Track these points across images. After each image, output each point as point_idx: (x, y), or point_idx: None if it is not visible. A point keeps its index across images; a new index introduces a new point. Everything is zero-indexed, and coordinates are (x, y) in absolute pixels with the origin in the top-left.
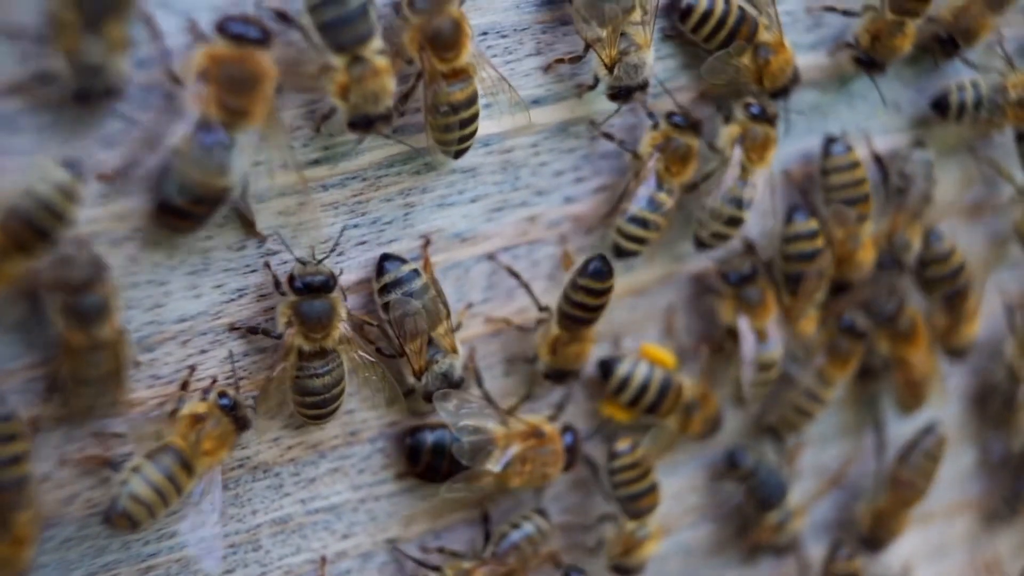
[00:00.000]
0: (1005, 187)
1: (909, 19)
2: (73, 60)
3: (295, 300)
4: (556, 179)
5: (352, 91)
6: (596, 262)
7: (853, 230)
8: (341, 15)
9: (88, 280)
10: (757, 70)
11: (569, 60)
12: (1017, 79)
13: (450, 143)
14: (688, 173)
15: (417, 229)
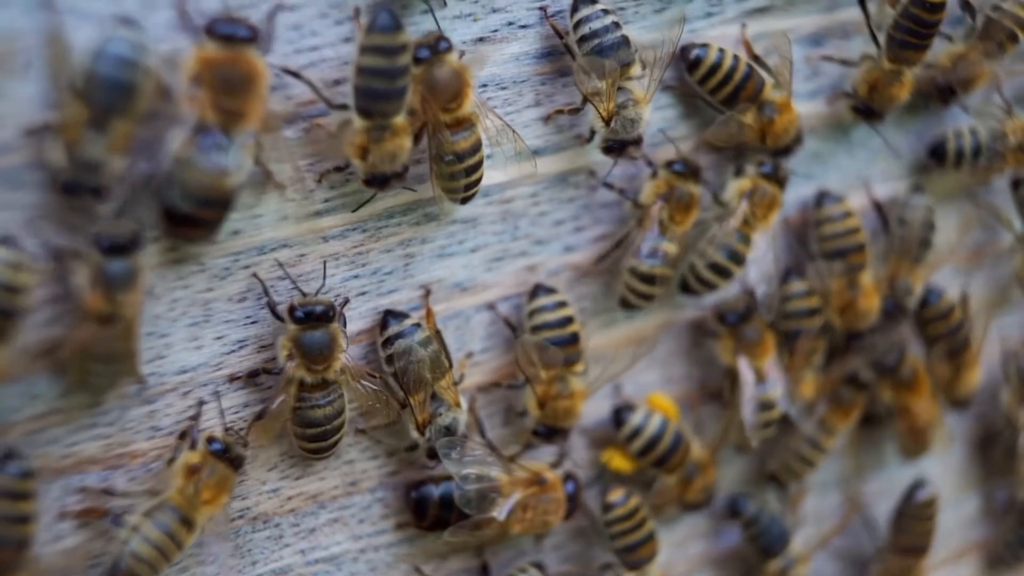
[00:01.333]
0: (1005, 232)
1: (906, 68)
2: (73, 153)
3: (296, 331)
4: (556, 228)
5: (371, 152)
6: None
7: (850, 279)
8: (384, 89)
9: (128, 243)
10: (761, 128)
11: (568, 112)
12: (1016, 124)
13: (456, 191)
14: (690, 221)
15: (417, 279)
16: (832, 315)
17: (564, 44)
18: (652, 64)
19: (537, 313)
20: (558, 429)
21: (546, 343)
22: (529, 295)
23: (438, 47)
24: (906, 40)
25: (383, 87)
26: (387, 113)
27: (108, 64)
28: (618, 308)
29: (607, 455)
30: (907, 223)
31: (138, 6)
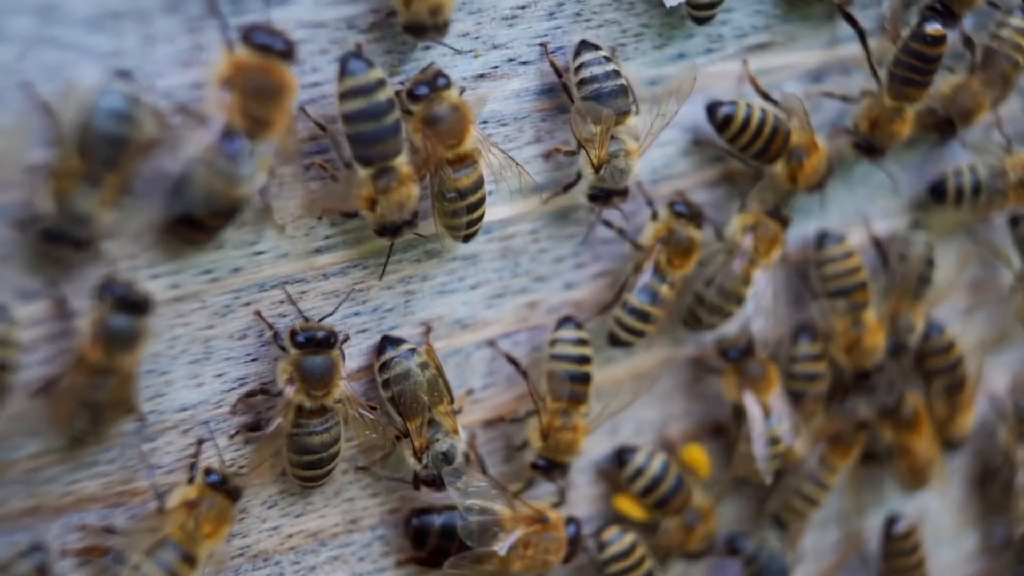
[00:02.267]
0: (1004, 269)
1: (908, 105)
2: (63, 203)
3: (297, 356)
4: (556, 265)
5: (379, 203)
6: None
7: (854, 317)
8: (374, 130)
9: (138, 303)
10: (791, 173)
11: (565, 152)
12: (1016, 160)
13: (459, 228)
14: (690, 266)
15: (418, 316)
16: (838, 354)
17: (562, 83)
18: (652, 122)
19: (559, 343)
20: (558, 463)
21: (560, 373)
22: (557, 324)
23: (436, 83)
24: (907, 76)
25: (372, 129)
26: (386, 155)
27: (103, 118)
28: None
29: (619, 501)
30: (907, 260)
31: (138, 42)
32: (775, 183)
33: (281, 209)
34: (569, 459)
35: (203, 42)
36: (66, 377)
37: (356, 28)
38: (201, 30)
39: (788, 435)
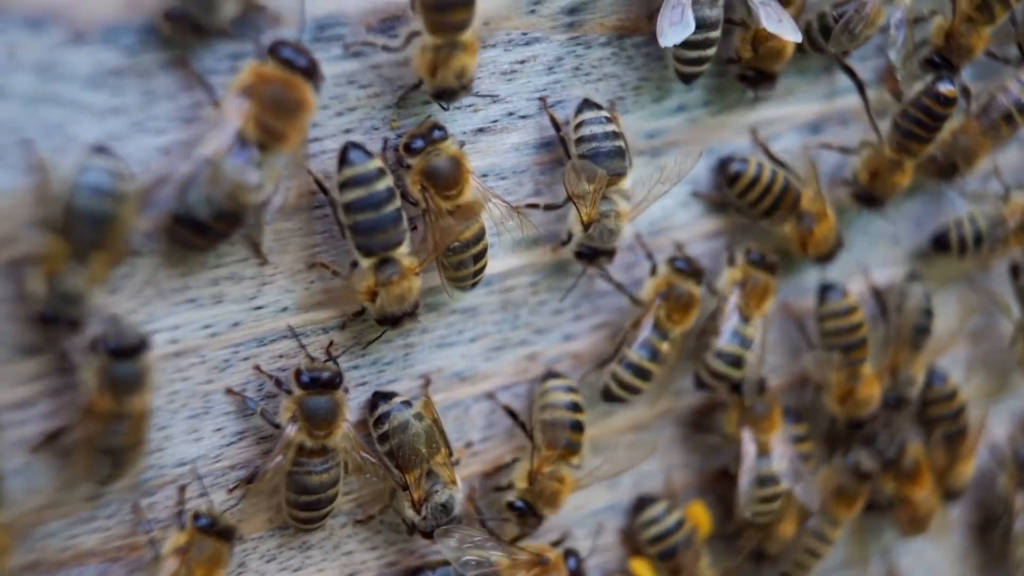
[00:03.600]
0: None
1: (909, 159)
2: (53, 284)
3: (301, 395)
4: (555, 317)
5: (380, 295)
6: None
7: (851, 371)
8: (374, 220)
9: (134, 348)
10: (801, 238)
11: (544, 207)
12: (1014, 207)
13: (465, 279)
14: (690, 321)
15: (417, 369)
16: (832, 404)
17: (560, 137)
18: (649, 189)
19: (550, 392)
20: (536, 512)
21: (561, 419)
22: (543, 377)
23: (432, 136)
24: (912, 131)
25: (371, 218)
26: (387, 245)
27: (85, 197)
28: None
29: (634, 564)
30: (905, 311)
31: (138, 99)
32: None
33: (279, 263)
34: (548, 511)
35: (202, 99)
36: (78, 428)
37: (356, 84)
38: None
39: (788, 477)
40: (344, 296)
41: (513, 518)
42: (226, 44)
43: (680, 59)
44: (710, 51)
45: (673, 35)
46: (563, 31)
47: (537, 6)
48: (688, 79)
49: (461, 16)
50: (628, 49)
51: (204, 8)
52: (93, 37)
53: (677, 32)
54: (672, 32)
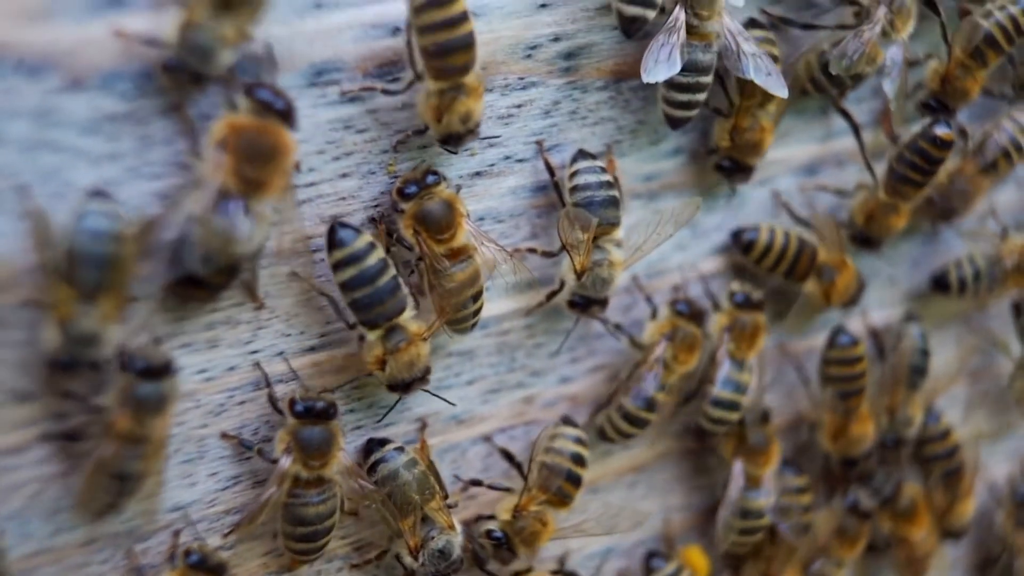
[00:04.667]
0: (1002, 357)
1: (903, 202)
2: (66, 329)
3: (295, 425)
4: (552, 360)
5: (388, 363)
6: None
7: (845, 410)
8: (371, 295)
9: (162, 369)
10: (824, 292)
11: (542, 254)
12: (1011, 246)
13: (465, 320)
14: (694, 361)
15: (413, 412)
16: (825, 441)
17: (554, 182)
18: (645, 239)
19: (560, 438)
20: (511, 547)
21: (557, 466)
22: (559, 421)
23: (425, 181)
24: (907, 175)
25: (368, 294)
26: (389, 315)
27: (85, 242)
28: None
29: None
30: (902, 351)
31: (134, 145)
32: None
33: (275, 307)
34: (524, 550)
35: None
36: (96, 452)
37: (353, 128)
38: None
39: (773, 514)
40: (354, 363)
41: (488, 547)
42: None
43: (669, 101)
44: (700, 96)
45: (657, 72)
46: (560, 75)
47: (533, 51)
48: (676, 123)
49: (463, 59)
50: (625, 93)
51: (201, 58)
52: (91, 83)
53: (661, 70)
54: (656, 69)
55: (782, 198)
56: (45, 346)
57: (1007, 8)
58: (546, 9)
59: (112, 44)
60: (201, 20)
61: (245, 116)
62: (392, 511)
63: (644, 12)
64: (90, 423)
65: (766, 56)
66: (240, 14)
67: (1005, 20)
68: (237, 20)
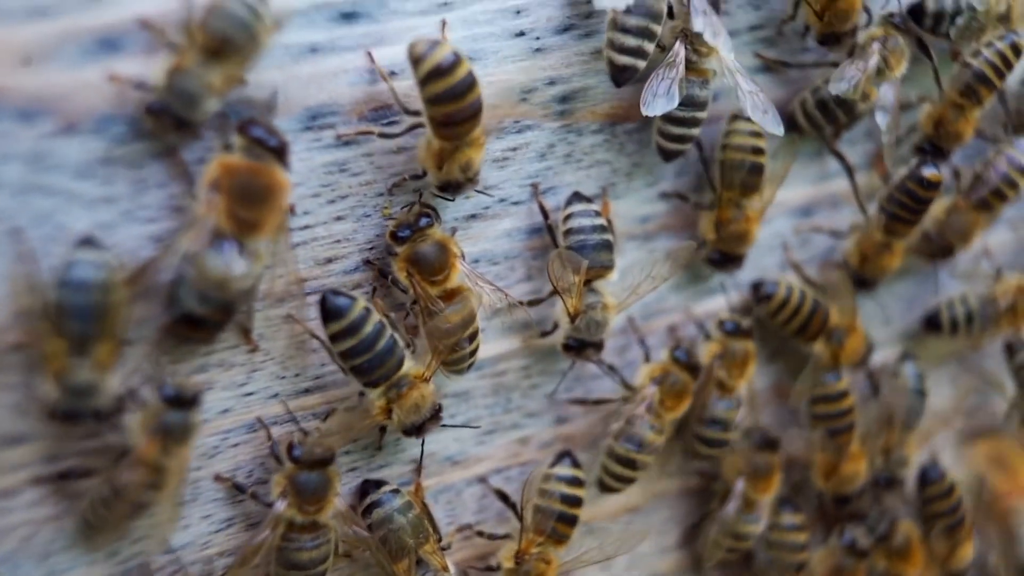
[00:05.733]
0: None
1: (896, 240)
2: (62, 383)
3: (292, 470)
4: (547, 401)
5: (395, 411)
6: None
7: (837, 449)
8: (370, 360)
9: (191, 399)
10: (832, 354)
11: (528, 303)
12: (1005, 287)
13: (461, 360)
14: (681, 409)
15: (408, 454)
16: (818, 480)
17: (547, 225)
18: (640, 282)
19: (551, 479)
20: None
21: (549, 508)
22: (555, 458)
23: (418, 224)
24: (898, 214)
25: (368, 359)
26: (389, 375)
27: (73, 292)
28: None
29: None
30: (897, 391)
31: (129, 189)
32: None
33: (269, 350)
34: None
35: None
36: (117, 474)
37: (348, 171)
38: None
39: (756, 540)
40: (360, 429)
41: None
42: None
43: (663, 134)
44: (694, 130)
45: (656, 106)
46: (555, 119)
47: (528, 94)
48: (669, 156)
49: (470, 127)
50: (619, 136)
51: (186, 104)
52: (84, 127)
53: (660, 104)
54: (655, 103)
55: (792, 258)
56: (44, 399)
57: (994, 44)
58: (541, 54)
59: (106, 88)
60: (190, 66)
61: (238, 156)
62: (386, 556)
63: (635, 62)
64: (88, 462)
65: (763, 94)
66: (229, 63)
67: (994, 56)
68: (226, 68)
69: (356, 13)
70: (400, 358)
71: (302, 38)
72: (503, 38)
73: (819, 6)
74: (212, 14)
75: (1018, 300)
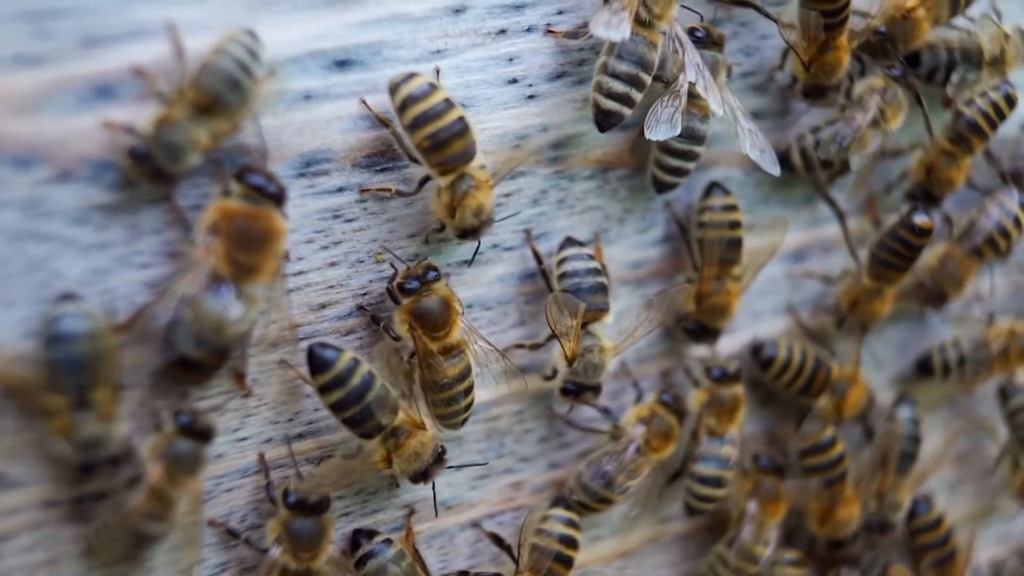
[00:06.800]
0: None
1: (887, 286)
2: (72, 439)
3: (287, 516)
4: (541, 445)
5: (395, 458)
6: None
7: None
8: (361, 412)
9: (206, 431)
10: (836, 407)
11: (530, 347)
12: (997, 331)
13: (456, 415)
14: (668, 451)
15: (402, 499)
16: (812, 525)
17: (541, 270)
18: (636, 326)
19: (551, 520)
20: None
21: (546, 548)
22: (552, 502)
23: (426, 277)
24: (889, 260)
25: (358, 412)
26: (383, 426)
27: (61, 347)
28: (604, 523)
29: None
30: (892, 436)
31: (123, 235)
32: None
33: (263, 395)
34: None
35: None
36: (124, 498)
37: (342, 218)
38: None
39: (765, 565)
40: (360, 476)
41: None
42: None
43: (660, 165)
44: (690, 164)
45: (659, 131)
46: (548, 165)
47: (521, 141)
48: (663, 188)
49: (460, 146)
50: (612, 182)
51: (169, 156)
52: (79, 174)
53: (664, 130)
54: (658, 128)
55: (798, 316)
56: (62, 458)
57: (988, 94)
58: (534, 100)
59: (101, 135)
60: (178, 120)
61: (236, 201)
62: None
63: (621, 108)
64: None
65: (762, 134)
66: (218, 119)
67: (987, 106)
68: (214, 125)
69: (350, 61)
70: (393, 408)
71: (296, 85)
72: (496, 85)
73: (807, 57)
74: (205, 71)
75: (1011, 344)
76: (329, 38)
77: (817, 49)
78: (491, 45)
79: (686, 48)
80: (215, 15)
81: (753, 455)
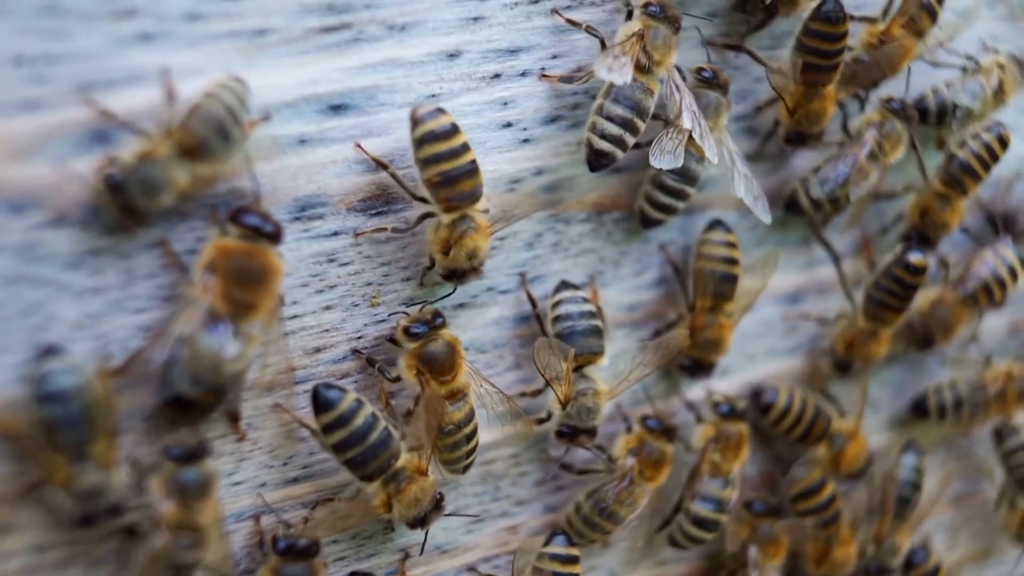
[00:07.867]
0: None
1: (883, 327)
2: (71, 492)
3: (277, 562)
4: (536, 488)
5: (395, 503)
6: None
7: (827, 536)
8: (363, 453)
9: (198, 450)
10: (833, 459)
11: (531, 394)
12: (994, 373)
13: (460, 460)
14: (661, 479)
15: (397, 543)
16: (809, 566)
17: (535, 313)
18: (631, 370)
19: (544, 558)
20: None
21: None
22: (548, 537)
23: (434, 322)
24: (884, 301)
25: (360, 452)
26: (384, 468)
27: (55, 406)
28: (600, 567)
29: None
30: (892, 481)
31: (118, 279)
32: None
33: (257, 439)
34: None
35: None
36: (148, 543)
37: (337, 261)
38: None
39: None
40: (359, 519)
41: None
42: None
43: (650, 200)
44: (680, 203)
45: (663, 160)
46: (542, 208)
47: (516, 184)
48: (649, 223)
49: (470, 185)
50: (607, 225)
51: (144, 191)
52: (74, 219)
53: (668, 159)
54: (663, 157)
55: (821, 367)
56: (63, 512)
57: (981, 136)
58: (529, 144)
59: (95, 179)
60: (161, 157)
61: (234, 240)
62: None
63: (613, 149)
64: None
65: (757, 181)
66: (200, 163)
67: (980, 148)
68: (196, 168)
69: (344, 105)
70: (395, 450)
71: (291, 130)
72: (491, 129)
73: (792, 103)
74: (194, 115)
75: (1007, 386)
76: (324, 82)
77: (803, 96)
78: (486, 89)
79: (684, 95)
80: (210, 60)
81: (746, 502)
